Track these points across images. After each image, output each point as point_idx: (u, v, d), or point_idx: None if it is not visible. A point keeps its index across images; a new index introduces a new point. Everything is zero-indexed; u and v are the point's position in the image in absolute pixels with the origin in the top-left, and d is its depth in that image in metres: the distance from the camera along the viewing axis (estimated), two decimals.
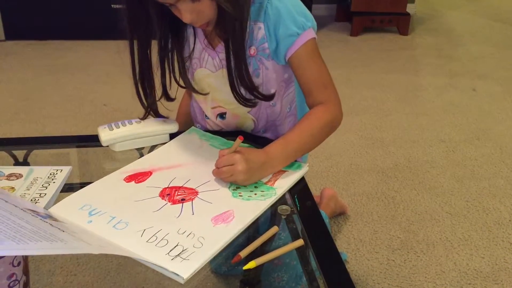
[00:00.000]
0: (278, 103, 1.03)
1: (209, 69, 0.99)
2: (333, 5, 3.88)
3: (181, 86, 1.02)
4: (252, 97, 0.94)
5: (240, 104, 0.95)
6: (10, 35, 3.15)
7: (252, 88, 0.93)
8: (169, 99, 1.01)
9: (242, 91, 0.93)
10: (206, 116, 1.09)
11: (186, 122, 1.17)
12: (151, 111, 1.00)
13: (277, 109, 1.03)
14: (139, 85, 0.98)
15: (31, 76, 2.69)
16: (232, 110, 1.03)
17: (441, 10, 4.36)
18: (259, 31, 0.92)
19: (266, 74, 0.96)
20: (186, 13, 0.85)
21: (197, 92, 1.01)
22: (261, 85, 0.97)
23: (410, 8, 3.79)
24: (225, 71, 0.93)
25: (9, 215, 0.54)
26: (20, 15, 3.13)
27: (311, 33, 0.92)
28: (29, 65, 2.84)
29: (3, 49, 3.05)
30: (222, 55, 0.94)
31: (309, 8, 0.96)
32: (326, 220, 1.38)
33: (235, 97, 0.93)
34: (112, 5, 3.17)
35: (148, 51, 0.96)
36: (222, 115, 1.05)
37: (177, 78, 1.00)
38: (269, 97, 0.97)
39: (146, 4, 0.87)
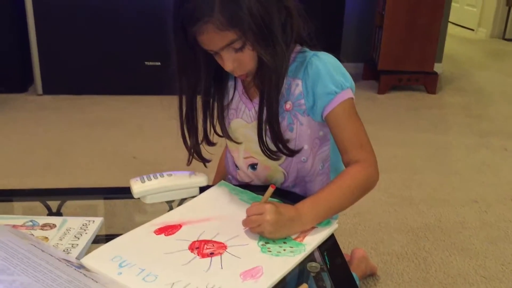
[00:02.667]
0: (309, 160, 1.03)
1: (244, 120, 1.02)
2: (360, 64, 3.94)
3: (217, 134, 1.05)
4: (277, 150, 0.95)
5: (264, 155, 0.96)
6: (47, 90, 3.28)
7: (279, 141, 0.94)
8: (210, 143, 1.05)
9: (269, 142, 0.95)
10: (237, 166, 1.10)
11: (224, 178, 1.18)
12: (194, 153, 1.03)
13: (307, 165, 1.04)
14: (184, 125, 1.01)
15: (65, 129, 2.78)
16: (263, 162, 1.04)
17: (468, 70, 4.38)
18: (297, 87, 0.95)
19: (300, 129, 0.98)
20: (228, 62, 0.89)
21: (231, 140, 1.04)
22: (294, 140, 0.98)
23: (437, 67, 3.82)
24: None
25: (45, 264, 0.55)
26: (57, 71, 3.28)
27: (349, 93, 0.95)
28: (63, 118, 2.94)
29: (40, 103, 3.17)
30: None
31: None
32: (357, 282, 1.35)
33: (260, 147, 0.95)
34: (145, 62, 3.30)
35: (194, 95, 0.99)
36: (253, 166, 1.06)
37: (215, 125, 1.04)
38: (295, 152, 0.98)
39: (194, 49, 0.91)
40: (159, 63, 3.30)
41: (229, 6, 0.83)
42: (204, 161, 1.05)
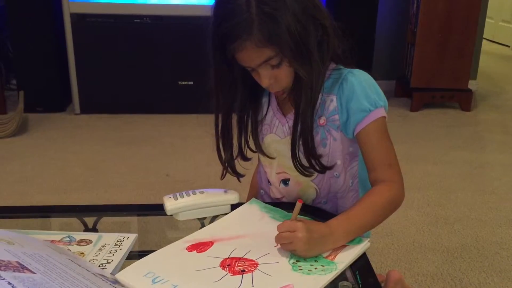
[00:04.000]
0: (342, 175, 1.03)
1: (278, 135, 1.03)
2: (392, 81, 3.91)
3: (251, 149, 1.06)
4: (309, 166, 0.96)
5: (297, 170, 0.97)
6: (84, 109, 3.39)
7: (312, 157, 0.95)
8: (245, 158, 1.06)
9: (302, 157, 0.96)
10: (269, 182, 1.11)
11: (256, 195, 1.19)
12: (228, 167, 1.05)
13: (340, 181, 1.03)
14: (219, 141, 1.03)
15: (100, 148, 2.85)
16: (296, 177, 1.04)
17: (504, 87, 4.29)
18: (331, 103, 0.96)
19: (333, 144, 0.99)
20: (265, 78, 0.91)
21: (265, 155, 1.05)
22: (327, 155, 0.99)
23: (472, 84, 3.75)
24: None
25: (82, 279, 0.57)
26: (93, 92, 3.38)
27: (382, 112, 0.95)
28: (99, 137, 3.02)
29: (77, 122, 3.27)
30: (292, 123, 0.98)
31: None
32: None
33: (293, 162, 0.96)
34: (179, 82, 3.37)
35: (230, 111, 1.01)
36: (285, 181, 1.07)
37: (249, 140, 1.05)
38: (327, 168, 0.98)
39: (232, 67, 0.94)
40: (191, 83, 3.37)
41: (267, 24, 0.85)
42: (238, 176, 1.06)
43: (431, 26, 3.44)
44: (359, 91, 0.94)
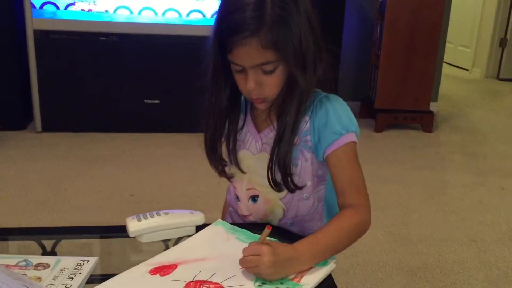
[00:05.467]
0: (311, 198, 1.03)
1: (251, 152, 1.04)
2: (357, 102, 3.99)
3: (221, 162, 1.05)
4: (283, 183, 0.96)
5: (270, 184, 0.97)
6: (46, 127, 3.30)
7: (288, 174, 0.95)
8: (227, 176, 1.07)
9: (276, 172, 0.96)
10: (237, 198, 1.10)
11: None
12: (221, 167, 1.04)
13: (309, 203, 1.04)
14: (209, 141, 1.03)
15: (63, 167, 2.78)
16: (265, 194, 1.04)
17: (464, 109, 4.43)
18: (306, 124, 0.97)
19: (304, 165, 0.99)
20: (251, 81, 0.90)
21: (238, 168, 1.04)
22: (298, 175, 0.99)
23: (433, 106, 3.86)
24: (265, 154, 0.99)
25: None
26: (56, 109, 3.30)
27: (353, 137, 0.96)
28: (61, 156, 2.94)
29: (39, 141, 3.18)
30: (265, 140, 1.00)
31: None
32: None
33: (268, 177, 0.96)
34: (145, 101, 3.33)
35: (221, 111, 1.00)
36: (254, 198, 1.06)
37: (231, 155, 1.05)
38: (298, 188, 0.98)
39: (227, 63, 0.93)
40: (158, 101, 3.34)
41: (278, 27, 0.85)
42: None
43: (394, 49, 3.54)
44: (332, 115, 0.95)
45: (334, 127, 0.95)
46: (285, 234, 0.98)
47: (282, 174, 0.96)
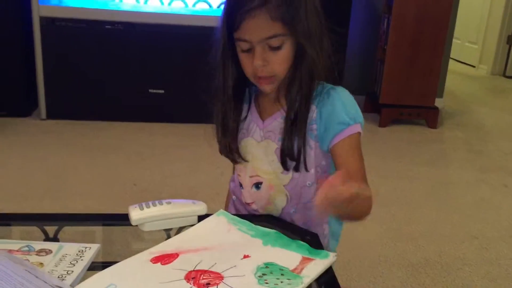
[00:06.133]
0: (313, 186, 1.04)
1: (255, 139, 1.05)
2: (361, 97, 3.97)
3: (224, 152, 1.05)
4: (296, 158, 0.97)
5: (281, 157, 0.98)
6: (51, 115, 3.30)
7: (301, 145, 0.97)
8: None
9: (290, 149, 0.97)
10: (241, 186, 1.11)
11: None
12: (232, 148, 1.04)
13: (312, 190, 1.04)
14: (219, 122, 1.03)
15: (66, 155, 2.78)
16: (269, 181, 1.05)
17: (469, 106, 4.41)
18: (312, 113, 0.98)
19: (309, 152, 1.00)
20: (259, 57, 0.91)
21: (241, 157, 1.05)
22: (302, 162, 1.00)
23: (438, 102, 3.85)
24: (268, 141, 1.01)
25: None
26: (61, 96, 3.31)
27: (358, 128, 0.98)
28: (65, 143, 2.95)
29: (43, 128, 3.19)
30: (270, 127, 1.02)
31: None
32: None
33: (282, 145, 0.97)
34: (149, 90, 3.33)
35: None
36: (257, 185, 1.07)
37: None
38: (305, 168, 0.99)
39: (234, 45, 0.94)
40: (162, 91, 3.34)
41: (289, 4, 0.88)
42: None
43: (400, 44, 3.52)
44: (340, 105, 0.97)
45: (341, 117, 0.96)
46: (288, 226, 0.98)
47: (291, 161, 0.97)
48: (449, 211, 2.33)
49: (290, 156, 0.97)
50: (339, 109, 0.96)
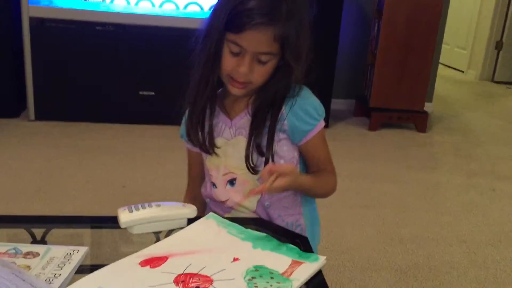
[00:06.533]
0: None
1: (225, 138, 1.08)
2: (351, 100, 3.99)
3: (199, 145, 1.10)
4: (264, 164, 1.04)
5: (248, 168, 1.03)
6: (39, 116, 3.28)
7: (266, 155, 1.03)
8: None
9: (255, 157, 1.03)
10: (214, 185, 1.12)
11: (202, 206, 1.20)
12: (206, 142, 1.08)
13: None
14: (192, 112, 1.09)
15: (55, 156, 2.76)
16: (243, 176, 1.08)
17: (458, 110, 4.45)
18: (281, 110, 1.04)
19: (279, 145, 1.05)
20: (245, 65, 0.96)
21: (214, 153, 1.09)
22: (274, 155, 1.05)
23: (427, 107, 3.88)
24: (240, 137, 1.06)
25: None
26: (50, 98, 3.28)
27: (323, 122, 1.08)
28: (54, 145, 2.93)
29: (32, 129, 3.16)
30: (239, 124, 1.07)
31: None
32: None
33: (247, 161, 1.03)
34: (140, 92, 3.32)
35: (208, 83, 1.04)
36: (232, 182, 1.10)
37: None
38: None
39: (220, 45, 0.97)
40: (153, 93, 3.32)
41: (291, 24, 0.93)
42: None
43: (390, 48, 3.54)
44: (309, 104, 1.05)
45: (312, 116, 1.05)
46: (278, 229, 0.98)
47: (260, 156, 1.03)
48: (438, 215, 2.34)
49: (259, 151, 1.02)
50: (310, 110, 1.04)
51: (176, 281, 0.77)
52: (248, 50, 0.94)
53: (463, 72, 6.15)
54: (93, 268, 0.80)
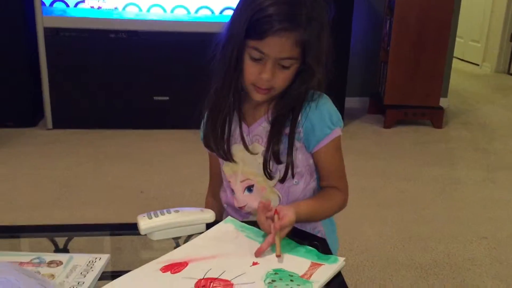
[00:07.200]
0: (301, 184, 1.08)
1: (242, 145, 1.08)
2: (365, 98, 3.97)
3: (216, 151, 1.09)
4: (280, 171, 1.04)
5: (265, 174, 1.04)
6: (57, 124, 3.33)
7: (284, 162, 1.03)
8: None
9: (272, 164, 1.03)
10: (233, 191, 1.14)
11: (220, 210, 1.21)
12: (224, 149, 1.07)
13: (299, 188, 1.08)
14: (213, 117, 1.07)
15: (74, 164, 2.80)
16: (259, 183, 1.08)
17: (474, 104, 4.40)
18: (298, 118, 1.03)
19: (295, 154, 1.05)
20: (268, 71, 0.96)
21: (232, 160, 1.09)
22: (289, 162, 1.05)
23: (443, 102, 3.84)
24: (256, 144, 1.06)
25: None
26: (66, 106, 3.33)
27: (339, 131, 1.06)
28: (72, 152, 2.97)
29: (50, 137, 3.21)
30: (256, 131, 1.07)
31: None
32: None
33: (264, 168, 1.03)
34: (154, 97, 3.35)
35: (230, 90, 1.04)
36: (250, 188, 1.10)
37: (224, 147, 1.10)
38: (292, 175, 1.05)
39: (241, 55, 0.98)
40: (167, 98, 3.35)
41: (313, 30, 0.94)
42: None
43: (403, 45, 3.51)
44: (324, 111, 1.03)
45: (326, 123, 1.03)
46: (296, 232, 0.98)
47: (277, 164, 1.03)
48: (457, 211, 2.32)
49: (276, 159, 1.02)
50: (325, 116, 1.03)
51: (197, 286, 0.78)
52: (270, 56, 0.94)
53: (478, 65, 6.08)
54: (114, 274, 0.81)
